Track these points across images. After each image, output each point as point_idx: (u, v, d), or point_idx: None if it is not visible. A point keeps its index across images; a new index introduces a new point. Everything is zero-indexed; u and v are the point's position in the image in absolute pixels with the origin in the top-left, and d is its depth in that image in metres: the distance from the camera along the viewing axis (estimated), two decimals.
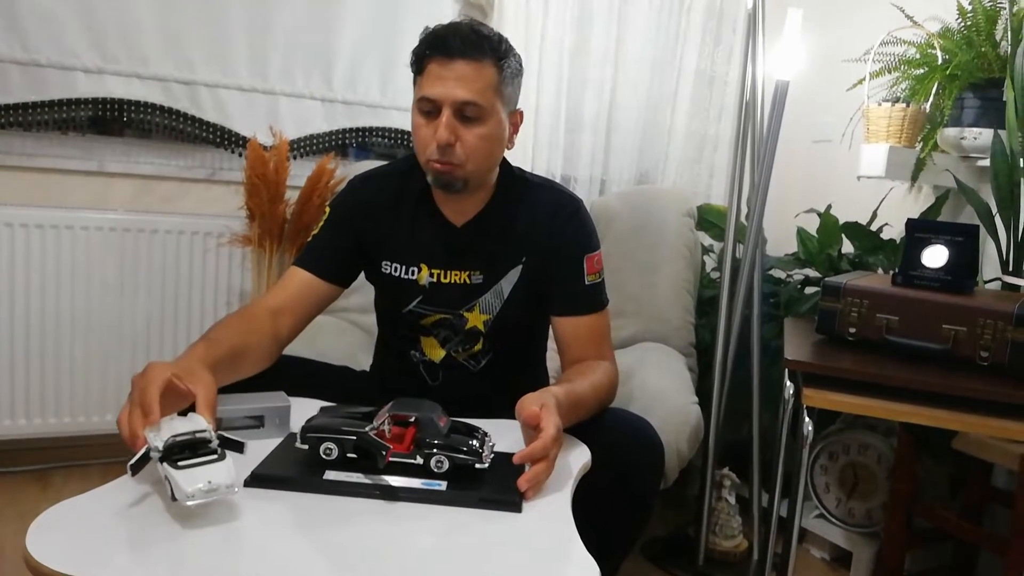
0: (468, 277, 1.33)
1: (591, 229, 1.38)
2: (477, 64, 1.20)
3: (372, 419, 1.02)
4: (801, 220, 2.33)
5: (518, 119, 1.33)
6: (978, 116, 1.98)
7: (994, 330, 1.45)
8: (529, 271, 1.34)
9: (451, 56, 1.19)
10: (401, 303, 1.36)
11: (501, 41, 1.25)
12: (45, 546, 0.78)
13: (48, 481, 2.19)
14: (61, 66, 2.06)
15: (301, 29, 2.28)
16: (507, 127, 1.29)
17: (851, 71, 2.16)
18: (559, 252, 1.33)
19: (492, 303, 1.34)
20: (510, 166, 1.39)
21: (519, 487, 0.95)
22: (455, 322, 1.35)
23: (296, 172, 2.27)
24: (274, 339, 1.27)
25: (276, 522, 0.88)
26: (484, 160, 1.26)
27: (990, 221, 1.89)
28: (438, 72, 1.20)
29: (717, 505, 2.04)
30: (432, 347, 1.38)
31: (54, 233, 2.09)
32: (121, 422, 0.92)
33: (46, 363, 2.14)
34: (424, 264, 1.34)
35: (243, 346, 1.18)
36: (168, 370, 0.96)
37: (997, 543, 1.73)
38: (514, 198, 1.35)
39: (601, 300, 1.37)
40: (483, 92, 1.21)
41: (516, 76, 1.28)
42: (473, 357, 1.38)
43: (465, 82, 1.19)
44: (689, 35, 2.66)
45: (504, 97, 1.25)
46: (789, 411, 1.58)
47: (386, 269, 1.37)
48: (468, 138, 1.22)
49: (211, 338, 1.14)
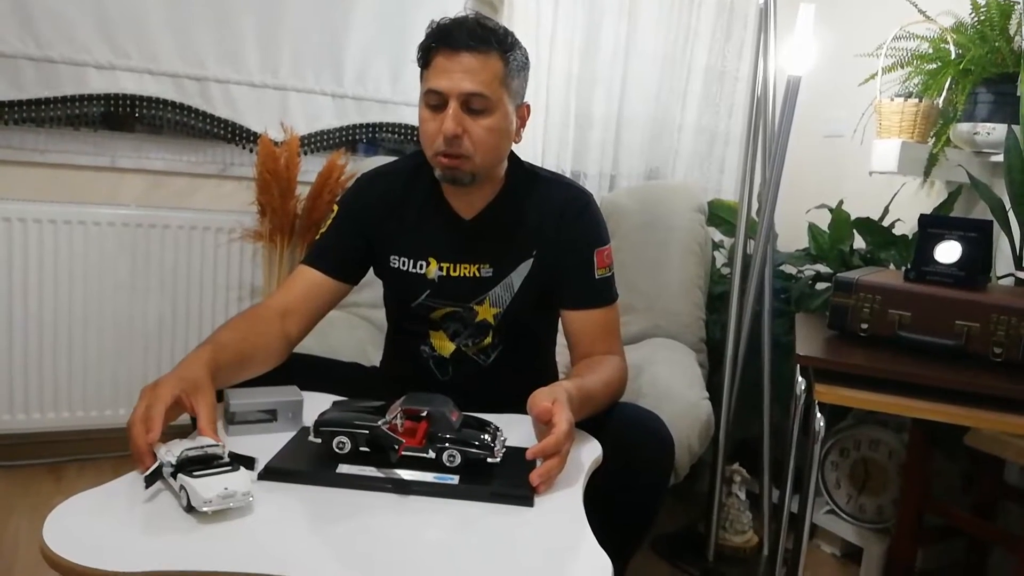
0: (478, 270, 1.33)
1: (601, 223, 1.38)
2: (483, 56, 1.20)
3: (384, 413, 1.03)
4: (813, 216, 2.32)
5: (525, 113, 1.33)
6: (991, 111, 1.96)
7: (1007, 326, 1.45)
8: (539, 264, 1.34)
9: (457, 49, 1.20)
10: (410, 297, 1.36)
11: (507, 34, 1.25)
12: (62, 537, 0.79)
13: (62, 474, 2.20)
14: (73, 62, 2.07)
15: (312, 25, 2.28)
16: (514, 120, 1.29)
17: (863, 66, 2.15)
18: (569, 246, 1.33)
19: (502, 296, 1.34)
20: (519, 160, 1.39)
21: (531, 482, 0.95)
22: (465, 315, 1.36)
23: (307, 168, 2.27)
24: (283, 339, 1.27)
25: (289, 515, 0.89)
26: (491, 152, 1.26)
27: (1003, 216, 1.87)
28: (444, 65, 1.21)
29: (727, 501, 2.04)
30: (442, 341, 1.38)
31: (66, 228, 2.11)
32: (132, 434, 0.94)
33: (59, 358, 2.15)
34: (433, 258, 1.34)
35: (249, 349, 1.19)
36: (177, 387, 0.99)
37: (1009, 540, 1.72)
38: (523, 192, 1.35)
39: (611, 294, 1.37)
40: (489, 84, 1.21)
41: (523, 69, 1.28)
42: (483, 351, 1.38)
43: (471, 74, 1.20)
44: (699, 30, 2.65)
45: (511, 90, 1.25)
46: (800, 407, 1.58)
47: (394, 263, 1.37)
48: (475, 130, 1.22)
49: (217, 341, 1.15)
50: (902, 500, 1.85)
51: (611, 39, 2.53)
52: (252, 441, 1.05)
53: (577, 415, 1.07)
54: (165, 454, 0.90)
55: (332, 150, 2.34)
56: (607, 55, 2.54)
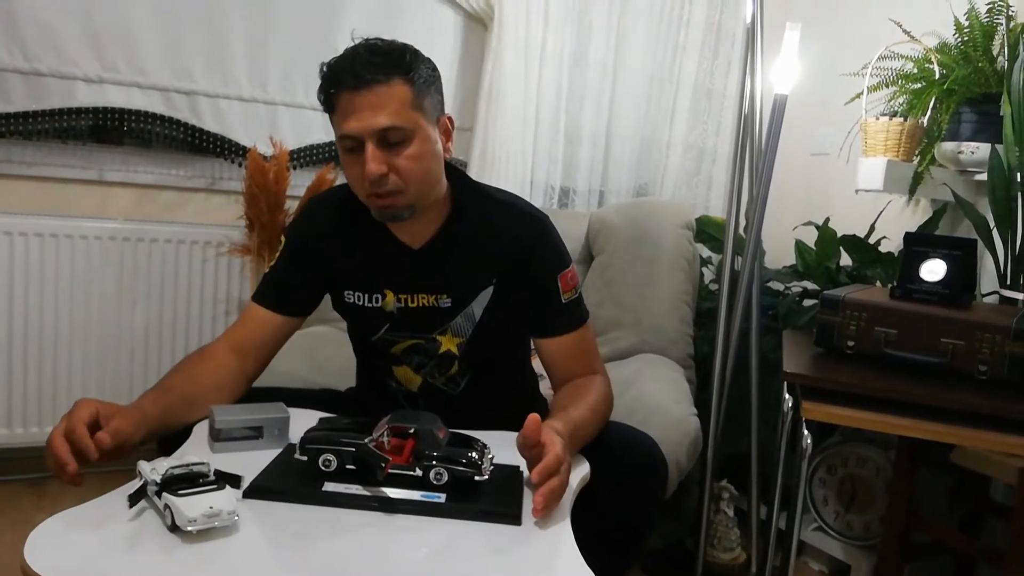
0: (436, 300, 1.28)
1: (560, 246, 1.32)
2: (385, 86, 1.14)
3: (371, 431, 1.02)
4: (799, 233, 2.34)
5: (448, 124, 1.26)
6: (975, 130, 1.98)
7: (992, 344, 1.46)
8: (500, 293, 1.28)
9: (356, 87, 1.14)
10: (370, 332, 1.32)
11: (404, 52, 1.19)
12: (44, 556, 0.78)
13: (44, 490, 2.18)
14: (61, 75, 2.06)
15: (301, 40, 2.28)
16: (437, 138, 1.22)
17: (849, 85, 2.18)
18: (531, 275, 1.28)
19: (463, 326, 1.30)
20: (465, 179, 1.32)
21: (535, 504, 0.93)
22: (428, 347, 1.31)
23: (296, 182, 2.27)
24: (240, 374, 1.26)
25: (274, 533, 0.88)
26: (423, 180, 1.19)
27: (988, 235, 1.89)
28: (349, 106, 1.14)
29: (715, 517, 2.04)
30: (407, 376, 1.34)
31: (53, 242, 2.09)
32: (51, 449, 0.98)
33: (44, 371, 2.13)
34: (389, 290, 1.29)
35: (197, 389, 1.18)
36: (95, 406, 1.03)
37: (995, 556, 1.73)
38: (475, 216, 1.29)
39: (581, 315, 1.32)
40: (400, 113, 1.14)
41: (431, 84, 1.21)
42: (451, 380, 1.34)
43: (378, 108, 1.13)
44: (688, 48, 2.68)
45: (424, 110, 1.18)
46: (788, 424, 1.58)
47: (349, 299, 1.32)
48: (399, 163, 1.16)
49: (163, 386, 1.16)
50: (889, 517, 1.85)
51: (600, 56, 2.55)
52: (237, 458, 1.04)
53: (571, 450, 1.05)
54: (150, 472, 0.89)
55: (321, 165, 2.34)
56: (596, 71, 2.56)
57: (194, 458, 0.93)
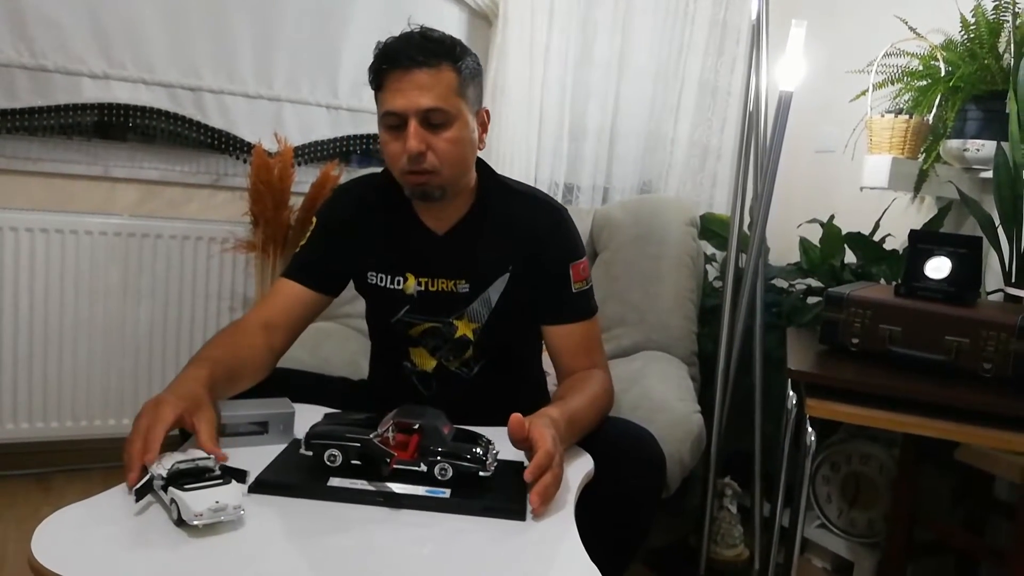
0: (454, 286, 1.33)
1: (575, 237, 1.37)
2: (435, 70, 1.20)
3: (376, 426, 1.02)
4: (804, 230, 2.33)
5: (485, 118, 1.33)
6: (981, 128, 1.98)
7: (997, 342, 1.45)
8: (515, 280, 1.33)
9: (407, 67, 1.19)
10: (389, 313, 1.36)
11: (455, 44, 1.24)
12: (51, 550, 0.79)
13: (50, 485, 2.19)
14: (67, 71, 2.07)
15: (306, 37, 2.29)
16: (475, 128, 1.28)
17: (854, 82, 2.17)
18: (544, 262, 1.32)
19: (480, 312, 1.34)
20: (491, 171, 1.38)
21: (531, 503, 0.94)
22: (444, 331, 1.35)
23: (300, 179, 2.27)
24: (268, 351, 1.28)
25: (279, 529, 0.88)
26: (458, 164, 1.26)
27: (993, 233, 1.89)
28: (397, 85, 1.20)
29: (719, 514, 2.04)
30: (423, 357, 1.38)
31: (59, 237, 2.10)
32: (131, 449, 0.93)
33: (49, 367, 2.14)
34: (411, 273, 1.34)
35: (237, 363, 1.20)
36: (179, 406, 0.99)
37: (998, 555, 1.72)
38: (496, 206, 1.34)
39: (590, 307, 1.36)
40: (445, 96, 1.21)
41: (475, 76, 1.28)
42: (465, 364, 1.38)
43: (426, 89, 1.19)
44: (692, 45, 2.67)
45: (467, 98, 1.25)
46: (791, 421, 1.58)
47: (372, 280, 1.37)
48: (438, 144, 1.22)
49: (209, 358, 1.16)
50: (892, 515, 1.85)
51: (605, 53, 2.55)
52: (243, 453, 1.04)
53: (566, 440, 1.07)
54: (156, 467, 0.90)
55: (326, 161, 2.35)
56: (601, 69, 2.55)
57: (200, 453, 0.93)
